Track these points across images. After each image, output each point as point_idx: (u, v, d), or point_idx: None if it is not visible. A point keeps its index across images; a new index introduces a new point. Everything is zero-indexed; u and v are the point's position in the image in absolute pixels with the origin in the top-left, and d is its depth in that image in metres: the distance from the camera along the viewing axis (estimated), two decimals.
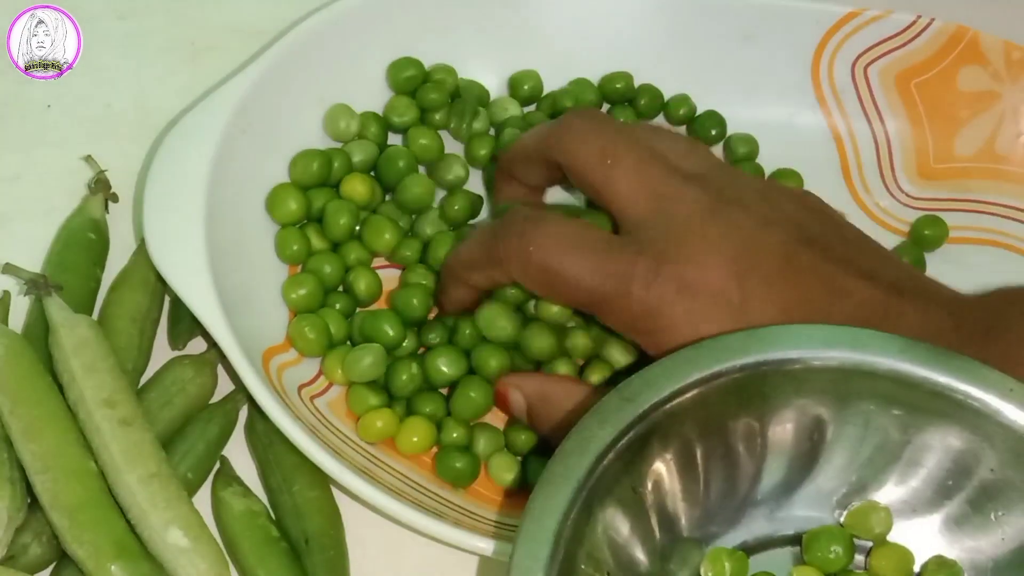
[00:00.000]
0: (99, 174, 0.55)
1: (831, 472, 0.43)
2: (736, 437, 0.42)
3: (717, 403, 0.40)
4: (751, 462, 0.42)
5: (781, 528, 0.43)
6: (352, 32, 0.56)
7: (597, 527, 0.39)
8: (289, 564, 0.46)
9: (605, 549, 0.39)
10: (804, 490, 0.43)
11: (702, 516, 0.42)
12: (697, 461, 0.41)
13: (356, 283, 0.52)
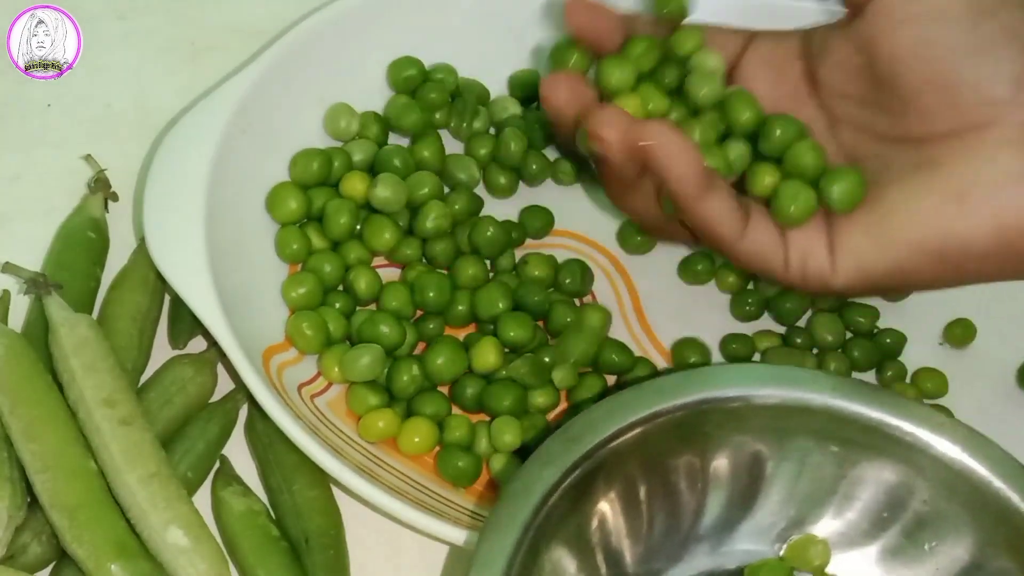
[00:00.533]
0: (99, 173, 0.55)
1: (771, 506, 0.44)
2: (678, 474, 0.42)
3: (659, 441, 0.41)
4: (693, 498, 0.43)
5: (723, 562, 0.44)
6: (352, 32, 0.56)
7: (544, 568, 0.39)
8: (289, 564, 0.46)
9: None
10: (745, 525, 0.44)
11: (646, 552, 0.43)
12: (640, 499, 0.42)
13: (356, 282, 0.52)
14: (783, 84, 0.48)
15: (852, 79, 0.45)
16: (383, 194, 0.53)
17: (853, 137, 0.46)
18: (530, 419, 0.50)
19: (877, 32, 0.43)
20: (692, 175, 0.43)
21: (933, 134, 0.43)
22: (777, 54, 0.48)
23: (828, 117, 0.47)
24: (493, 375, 0.51)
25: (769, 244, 0.45)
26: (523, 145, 0.56)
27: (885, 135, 0.45)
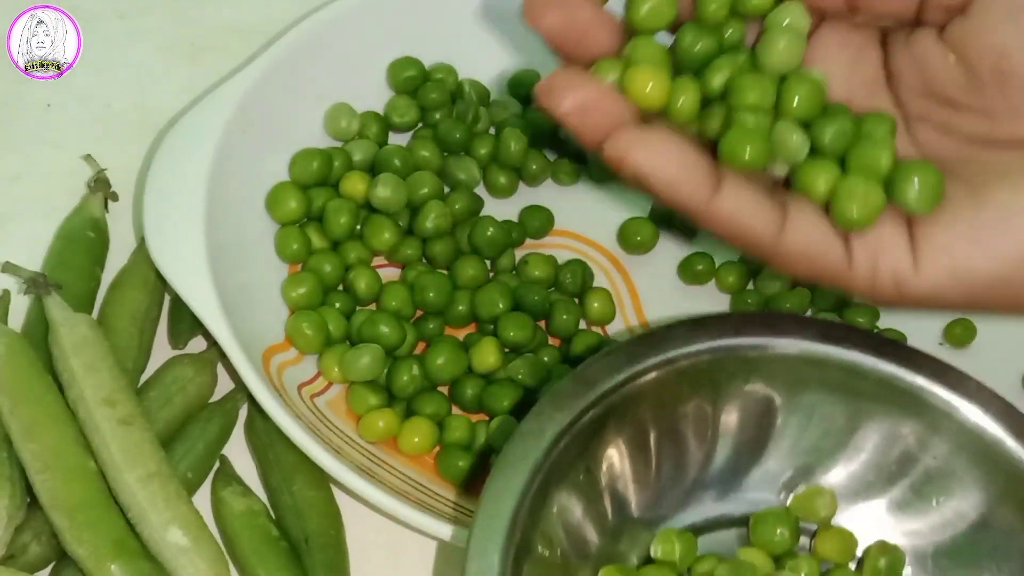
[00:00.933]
0: (99, 173, 0.55)
1: (779, 456, 0.43)
2: (688, 421, 0.42)
3: (673, 388, 0.41)
4: (702, 446, 0.43)
5: (729, 510, 0.44)
6: (352, 32, 0.56)
7: (552, 508, 0.39)
8: (289, 563, 0.46)
9: (559, 529, 0.40)
10: (752, 474, 0.44)
11: (653, 498, 0.43)
12: (650, 444, 0.42)
13: (356, 282, 0.52)
14: (860, 70, 0.41)
15: (940, 78, 0.40)
16: (383, 194, 0.53)
17: (935, 139, 0.41)
18: None
19: (981, 27, 0.38)
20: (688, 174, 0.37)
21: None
22: (855, 37, 0.42)
23: (904, 114, 0.41)
24: (493, 375, 0.51)
25: (821, 238, 0.38)
26: (523, 145, 0.56)
27: (982, 138, 0.39)
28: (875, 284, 0.38)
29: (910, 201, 0.37)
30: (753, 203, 0.37)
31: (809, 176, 0.38)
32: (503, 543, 0.37)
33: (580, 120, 0.36)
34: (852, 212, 0.37)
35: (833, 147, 0.38)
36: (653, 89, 0.37)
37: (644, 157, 0.36)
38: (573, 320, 0.52)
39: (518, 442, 0.38)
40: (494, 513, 0.37)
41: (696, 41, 0.38)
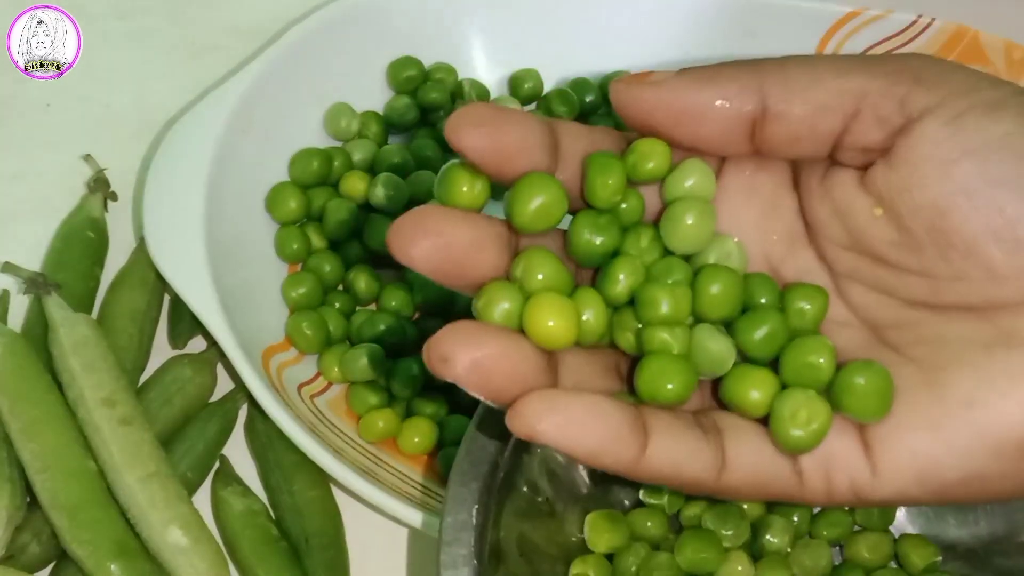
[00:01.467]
0: (98, 173, 0.55)
1: None
2: None
3: None
4: None
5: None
6: (352, 32, 0.56)
7: (536, 451, 0.39)
8: (289, 563, 0.46)
9: (543, 475, 0.39)
10: None
11: None
12: None
13: (356, 282, 0.52)
14: (774, 223, 0.36)
15: (867, 233, 0.34)
16: (383, 194, 0.53)
17: (871, 301, 0.35)
18: None
19: (911, 182, 0.33)
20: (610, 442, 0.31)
21: (1007, 301, 0.33)
22: (764, 181, 0.36)
23: (831, 272, 0.35)
24: None
25: (766, 464, 0.34)
26: None
27: (924, 302, 0.34)
28: (832, 496, 0.34)
29: (858, 411, 0.32)
30: (686, 448, 0.33)
31: (740, 389, 0.33)
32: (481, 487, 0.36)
33: (479, 383, 0.31)
34: (796, 436, 0.32)
35: (763, 352, 0.33)
36: (557, 327, 0.31)
37: (557, 431, 0.30)
38: None
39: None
40: (472, 456, 0.37)
41: (594, 236, 0.33)
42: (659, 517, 0.43)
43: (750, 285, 0.34)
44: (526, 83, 0.58)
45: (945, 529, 0.44)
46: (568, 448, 0.31)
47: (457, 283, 0.32)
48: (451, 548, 0.36)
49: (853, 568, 0.44)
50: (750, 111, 0.33)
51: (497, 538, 0.37)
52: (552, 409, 0.30)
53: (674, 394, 0.32)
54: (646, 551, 0.42)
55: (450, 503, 0.36)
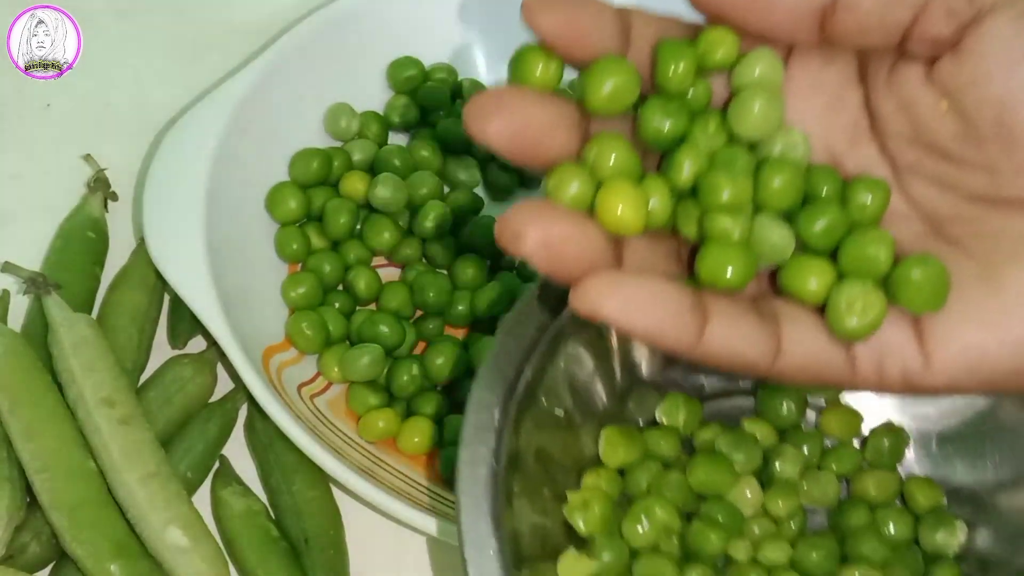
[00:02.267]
0: (98, 173, 0.55)
1: None
2: None
3: None
4: None
5: (739, 381, 0.45)
6: (352, 32, 0.56)
7: (560, 364, 0.40)
8: (289, 563, 0.46)
9: (566, 386, 0.40)
10: None
11: (663, 362, 0.43)
12: None
13: (356, 282, 0.52)
14: (839, 117, 0.36)
15: (931, 126, 0.35)
16: (383, 194, 0.53)
17: (932, 195, 0.36)
18: None
19: (978, 76, 0.33)
20: (671, 324, 0.32)
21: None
22: (830, 74, 0.36)
23: (893, 166, 0.36)
24: None
25: (820, 350, 0.34)
26: None
27: (985, 196, 0.35)
28: (883, 383, 0.35)
29: (915, 303, 0.33)
30: (744, 331, 0.33)
31: (798, 278, 0.33)
32: (504, 393, 0.38)
33: (547, 260, 0.31)
34: (851, 325, 0.33)
35: (823, 243, 0.34)
36: (627, 214, 0.32)
37: (620, 310, 0.31)
38: None
39: (530, 301, 0.39)
40: (498, 363, 0.38)
41: (663, 120, 0.33)
42: (673, 438, 0.43)
43: (812, 177, 0.34)
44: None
45: (952, 472, 0.45)
46: (630, 327, 0.31)
47: (529, 162, 0.33)
48: (472, 447, 0.37)
49: (859, 503, 0.44)
50: (821, 0, 0.34)
51: (516, 444, 0.38)
52: (616, 290, 0.31)
53: (733, 280, 0.33)
54: (658, 469, 0.43)
55: (474, 404, 0.38)
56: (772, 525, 0.43)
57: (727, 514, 0.42)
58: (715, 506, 0.42)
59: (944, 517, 0.44)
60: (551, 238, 0.31)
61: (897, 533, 0.44)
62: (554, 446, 0.41)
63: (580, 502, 0.41)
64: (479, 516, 0.36)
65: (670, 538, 0.41)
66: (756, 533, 0.43)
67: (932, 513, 0.44)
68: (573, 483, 0.42)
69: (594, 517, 0.40)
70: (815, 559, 0.42)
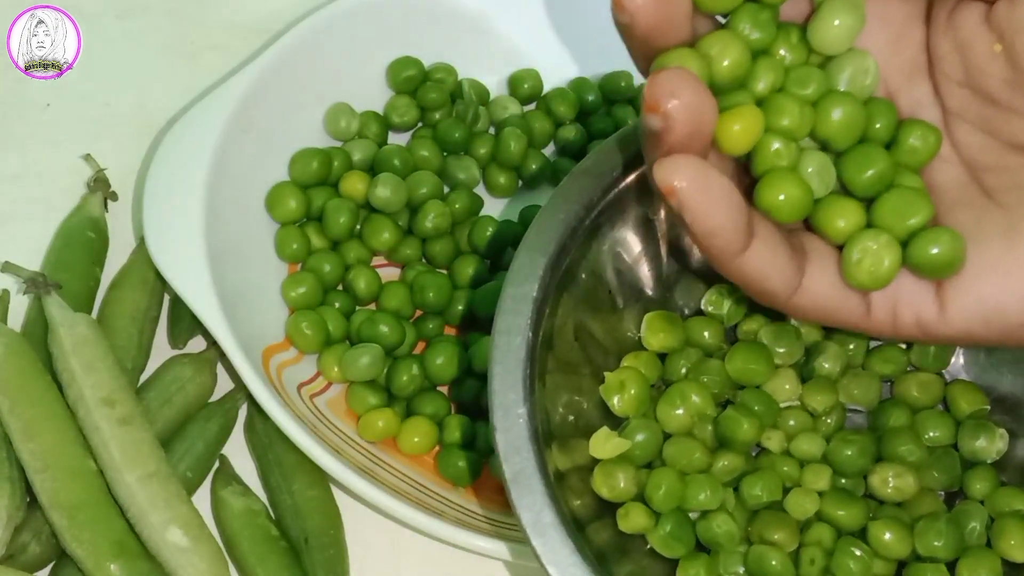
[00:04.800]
0: (98, 173, 0.55)
1: None
2: None
3: None
4: None
5: None
6: (352, 31, 0.56)
7: (604, 244, 0.40)
8: (288, 563, 0.46)
9: (609, 267, 0.41)
10: None
11: None
12: None
13: (356, 282, 0.52)
14: (901, 53, 0.37)
15: (982, 69, 0.35)
16: (383, 194, 0.53)
17: (975, 141, 0.36)
18: None
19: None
20: (730, 228, 0.34)
21: None
22: (897, 10, 0.36)
23: (942, 108, 0.36)
24: None
25: (837, 293, 0.36)
26: (523, 145, 0.56)
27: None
28: (897, 331, 0.36)
29: (928, 273, 0.35)
30: (776, 260, 0.35)
31: (830, 215, 0.35)
32: (547, 263, 0.38)
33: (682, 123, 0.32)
34: (863, 277, 0.35)
35: (864, 190, 0.35)
36: (742, 135, 0.34)
37: (693, 196, 0.33)
38: None
39: (575, 179, 0.39)
40: (540, 240, 0.38)
41: (753, 29, 0.34)
42: (717, 327, 0.43)
43: (871, 109, 0.35)
44: (526, 83, 0.58)
45: (999, 380, 0.44)
46: (693, 214, 0.33)
47: (649, 42, 0.34)
48: (509, 317, 0.37)
49: (900, 404, 0.44)
50: None
51: (552, 323, 0.38)
52: (700, 176, 0.33)
53: (788, 214, 0.34)
54: (698, 356, 0.43)
55: (515, 274, 0.38)
56: (808, 419, 0.43)
57: (763, 404, 0.42)
58: (751, 395, 0.42)
59: (985, 424, 0.43)
60: (693, 105, 0.32)
61: (936, 436, 0.43)
62: (595, 326, 0.41)
63: (617, 383, 0.41)
64: (510, 384, 0.37)
65: (704, 424, 0.41)
66: (791, 426, 0.43)
67: (973, 419, 0.44)
68: (612, 365, 0.42)
69: (630, 398, 0.40)
70: (848, 455, 0.42)
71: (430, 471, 0.49)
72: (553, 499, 0.36)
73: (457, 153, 0.56)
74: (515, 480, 0.36)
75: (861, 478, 0.42)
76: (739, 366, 0.42)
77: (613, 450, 0.39)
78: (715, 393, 0.42)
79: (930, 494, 0.43)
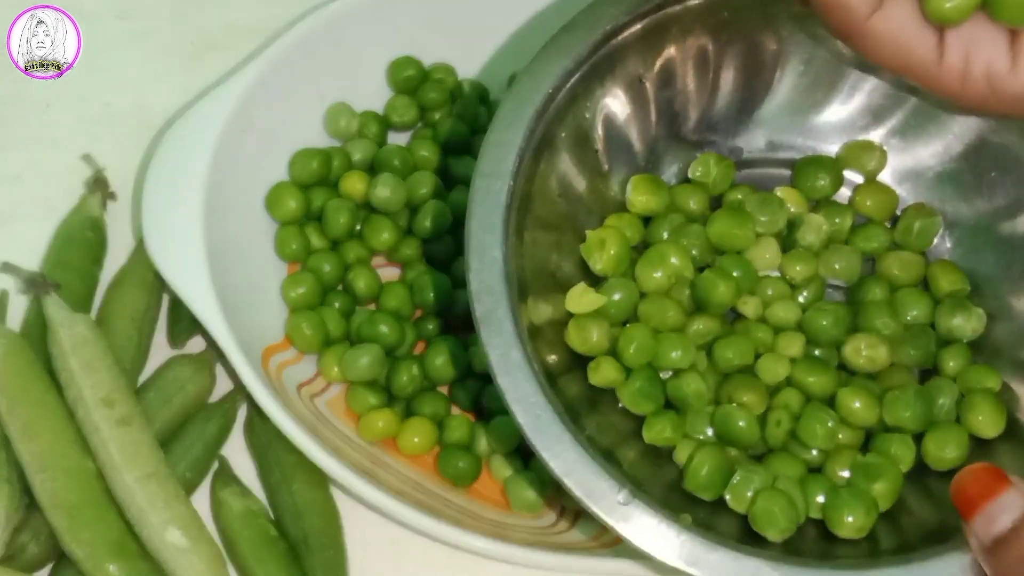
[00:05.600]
0: (98, 173, 0.55)
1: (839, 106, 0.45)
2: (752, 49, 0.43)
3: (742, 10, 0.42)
4: (761, 75, 0.44)
5: (778, 152, 0.45)
6: (352, 31, 0.56)
7: (592, 102, 0.40)
8: (288, 563, 0.46)
9: (598, 126, 0.41)
10: (812, 119, 0.45)
11: (702, 120, 0.44)
12: (710, 64, 0.43)
13: (355, 281, 0.52)
14: None
15: None
16: (383, 194, 0.53)
17: None
18: None
19: None
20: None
21: None
22: None
23: None
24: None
25: (912, 26, 0.35)
26: None
27: None
28: (966, 82, 0.36)
29: (1009, 18, 0.35)
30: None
31: None
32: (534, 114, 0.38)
33: None
34: (946, 7, 0.34)
35: None
36: None
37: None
38: None
39: (566, 33, 0.39)
40: (527, 91, 0.38)
41: None
42: (702, 194, 0.44)
43: None
44: None
45: (981, 261, 0.45)
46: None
47: None
48: (492, 161, 0.38)
49: (880, 280, 0.44)
50: None
51: (534, 173, 0.38)
52: None
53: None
54: (681, 221, 0.43)
55: (500, 120, 0.38)
56: (786, 288, 0.43)
57: (741, 269, 0.42)
58: (730, 260, 0.42)
59: (964, 302, 0.44)
60: None
61: (915, 315, 0.43)
62: (579, 184, 0.41)
63: (598, 241, 0.41)
64: (488, 227, 0.38)
65: (682, 287, 0.41)
66: (769, 294, 0.43)
67: (952, 297, 0.44)
68: (594, 225, 0.42)
69: (609, 257, 0.41)
70: (824, 324, 0.42)
71: (430, 471, 0.49)
72: (521, 340, 0.36)
73: (457, 153, 0.56)
74: (485, 320, 0.36)
75: (835, 349, 0.43)
76: (720, 230, 0.42)
77: (589, 304, 0.40)
78: (695, 256, 0.42)
79: (903, 369, 0.43)
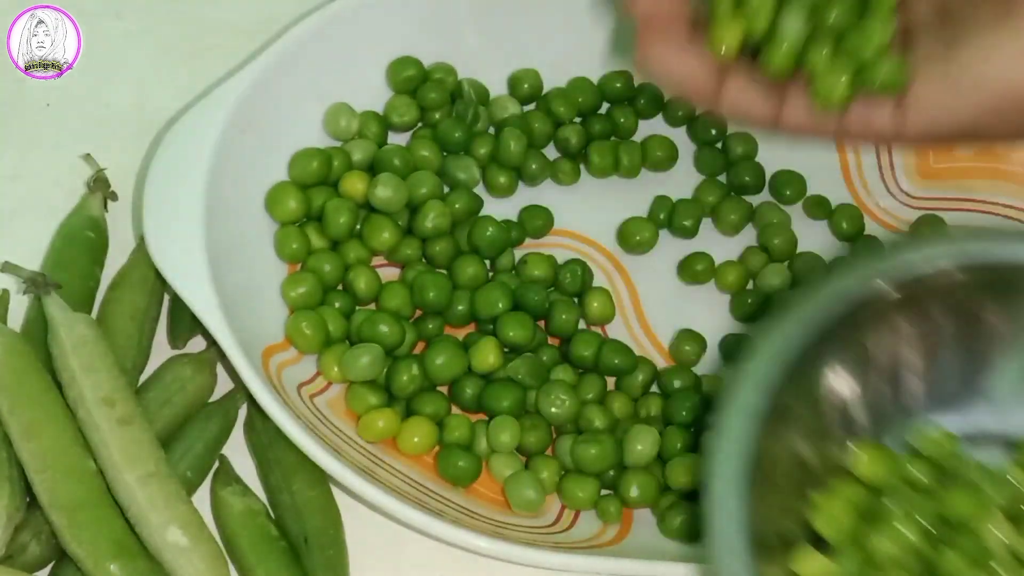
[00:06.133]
0: (98, 173, 0.55)
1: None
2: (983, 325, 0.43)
3: (974, 289, 0.42)
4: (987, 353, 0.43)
5: (1006, 428, 0.44)
6: (352, 31, 0.56)
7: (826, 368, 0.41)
8: (288, 563, 0.46)
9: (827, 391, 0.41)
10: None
11: (929, 393, 0.43)
12: (937, 339, 0.43)
13: (355, 282, 0.52)
14: None
15: None
16: (383, 194, 0.53)
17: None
18: (529, 419, 0.50)
19: None
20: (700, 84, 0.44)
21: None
22: None
23: None
24: (493, 375, 0.51)
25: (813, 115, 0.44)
26: (523, 145, 0.56)
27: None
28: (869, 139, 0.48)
29: (877, 85, 0.42)
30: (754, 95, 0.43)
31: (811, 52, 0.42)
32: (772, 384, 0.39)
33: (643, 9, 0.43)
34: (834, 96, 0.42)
35: (833, 30, 0.42)
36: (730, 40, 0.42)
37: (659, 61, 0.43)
38: (573, 320, 0.52)
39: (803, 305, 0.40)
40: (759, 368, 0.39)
41: None
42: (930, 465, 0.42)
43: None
44: (526, 83, 0.58)
45: None
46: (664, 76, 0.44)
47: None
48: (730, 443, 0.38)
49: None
50: None
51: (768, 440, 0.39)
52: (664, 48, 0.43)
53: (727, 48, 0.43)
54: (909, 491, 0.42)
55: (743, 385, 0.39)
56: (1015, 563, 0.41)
57: (976, 547, 0.41)
58: (964, 535, 0.41)
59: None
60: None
61: None
62: (804, 447, 0.41)
63: (827, 508, 0.41)
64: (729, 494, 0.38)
65: (915, 558, 0.41)
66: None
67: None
68: (821, 490, 0.42)
69: (838, 524, 0.40)
70: None
71: (430, 471, 0.49)
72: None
73: (457, 153, 0.56)
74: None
75: None
76: (953, 503, 0.41)
77: (821, 571, 0.40)
78: (926, 529, 0.41)
79: None
